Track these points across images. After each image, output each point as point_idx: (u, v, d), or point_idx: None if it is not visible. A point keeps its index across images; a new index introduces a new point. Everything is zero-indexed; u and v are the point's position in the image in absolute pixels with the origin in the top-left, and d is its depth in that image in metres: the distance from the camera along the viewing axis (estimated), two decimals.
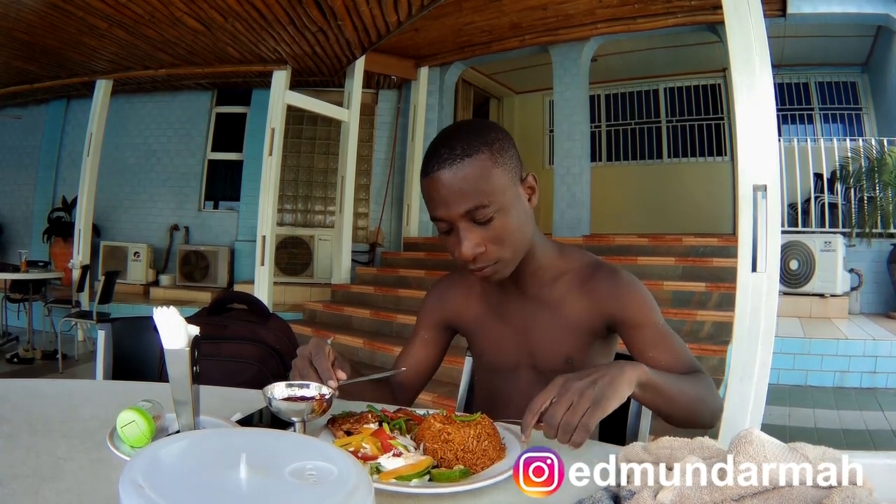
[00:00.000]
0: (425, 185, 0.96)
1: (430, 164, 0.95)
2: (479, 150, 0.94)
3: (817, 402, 4.10)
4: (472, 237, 0.95)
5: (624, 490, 0.65)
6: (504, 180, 0.95)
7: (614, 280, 1.06)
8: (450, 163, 0.93)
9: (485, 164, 0.93)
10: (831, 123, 7.06)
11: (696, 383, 0.99)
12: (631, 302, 1.04)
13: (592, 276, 1.07)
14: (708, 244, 5.16)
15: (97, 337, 1.53)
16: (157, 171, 7.72)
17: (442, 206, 0.95)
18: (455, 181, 0.93)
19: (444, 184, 0.93)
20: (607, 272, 1.07)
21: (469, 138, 0.95)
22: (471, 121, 1.02)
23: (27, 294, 5.54)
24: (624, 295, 1.05)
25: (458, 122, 1.03)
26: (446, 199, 0.94)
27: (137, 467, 0.45)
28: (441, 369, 1.22)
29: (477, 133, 0.96)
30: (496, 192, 0.94)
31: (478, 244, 0.96)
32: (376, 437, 0.78)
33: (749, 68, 2.38)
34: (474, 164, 0.93)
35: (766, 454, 0.59)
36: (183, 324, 0.79)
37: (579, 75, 6.35)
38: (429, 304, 1.22)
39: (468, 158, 0.93)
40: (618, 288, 1.05)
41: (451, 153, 0.93)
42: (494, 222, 0.95)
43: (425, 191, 0.97)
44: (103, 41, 5.17)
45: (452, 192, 0.93)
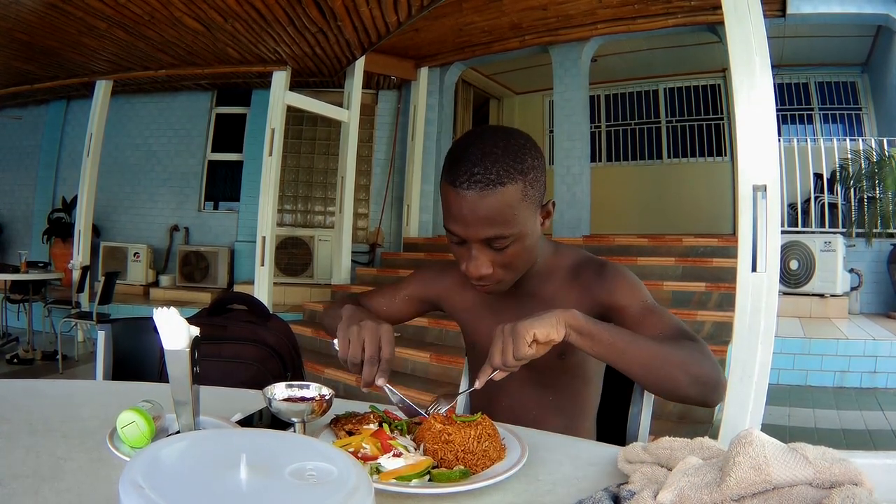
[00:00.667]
0: (449, 195, 0.93)
1: (460, 176, 0.90)
2: (514, 180, 0.91)
3: (817, 402, 4.10)
4: (483, 259, 0.95)
5: (624, 490, 0.65)
6: (528, 212, 0.95)
7: (600, 270, 1.07)
8: (482, 186, 0.89)
9: (516, 195, 0.91)
10: (831, 123, 7.07)
11: (673, 346, 0.91)
12: (616, 286, 1.04)
13: (580, 270, 1.08)
14: (708, 244, 5.16)
15: (97, 337, 1.53)
16: (157, 172, 7.73)
17: (461, 224, 0.93)
18: (482, 207, 0.90)
19: (469, 205, 0.90)
20: (595, 265, 1.08)
21: (507, 163, 0.91)
22: (510, 136, 0.95)
23: (27, 295, 5.54)
24: (609, 281, 1.05)
25: (498, 130, 0.96)
26: (467, 219, 0.91)
27: (137, 467, 0.45)
28: (441, 369, 1.23)
29: (514, 157, 0.92)
30: (518, 224, 0.93)
31: (487, 267, 0.96)
32: (376, 437, 0.78)
33: (749, 68, 2.38)
34: (506, 194, 0.90)
35: (765, 454, 0.59)
36: (183, 324, 0.79)
37: (579, 75, 6.35)
38: (425, 274, 1.24)
39: (501, 187, 0.90)
40: (603, 276, 1.05)
41: (486, 176, 0.89)
42: (508, 249, 0.95)
43: (447, 199, 0.94)
44: (103, 42, 5.17)
45: (477, 216, 0.91)
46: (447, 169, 0.94)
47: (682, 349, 0.91)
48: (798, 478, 0.58)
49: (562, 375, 1.10)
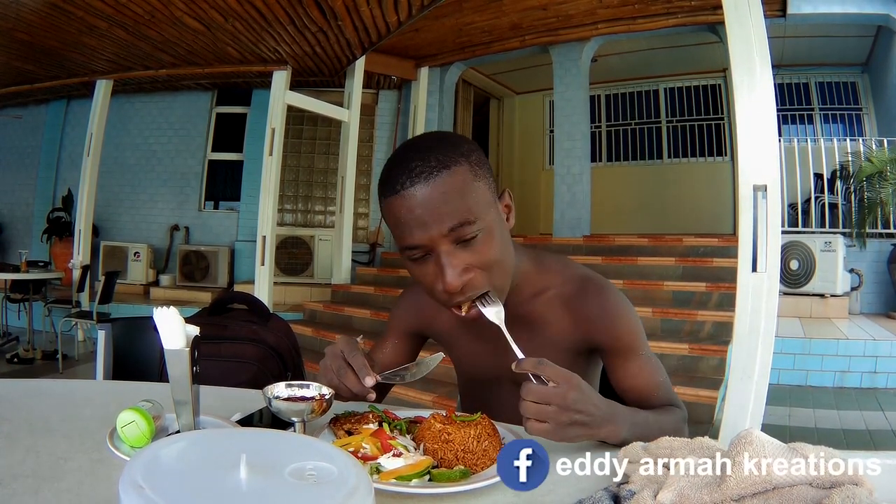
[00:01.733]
0: (393, 205, 0.82)
1: (399, 179, 0.81)
2: (457, 162, 0.82)
3: (817, 403, 4.10)
4: (456, 262, 0.82)
5: (624, 490, 0.65)
6: (485, 196, 0.85)
7: (602, 301, 0.97)
8: (426, 176, 0.80)
9: (465, 176, 0.82)
10: (831, 123, 7.06)
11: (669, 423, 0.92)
12: (617, 328, 0.97)
13: (577, 295, 0.98)
14: (708, 244, 5.16)
15: (97, 337, 1.54)
16: (157, 171, 7.73)
17: (418, 228, 0.81)
18: (434, 196, 0.80)
19: (419, 201, 0.80)
20: (594, 291, 0.98)
21: (443, 149, 0.83)
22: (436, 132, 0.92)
23: (27, 294, 5.54)
24: (611, 320, 0.97)
25: (422, 134, 0.92)
26: (423, 218, 0.80)
27: (137, 467, 0.45)
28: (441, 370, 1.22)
29: (450, 144, 0.85)
30: (478, 209, 0.82)
31: (465, 270, 0.83)
32: (376, 437, 0.78)
33: (749, 68, 2.38)
34: (455, 176, 0.81)
35: (765, 454, 0.59)
36: (183, 324, 0.79)
37: (579, 75, 6.35)
38: (399, 311, 1.14)
39: (446, 171, 0.81)
40: (605, 311, 0.97)
41: (426, 165, 0.81)
42: (479, 245, 0.83)
43: (393, 214, 0.83)
44: (103, 41, 5.17)
45: (431, 209, 0.80)
46: (383, 186, 0.85)
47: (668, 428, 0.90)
48: (798, 478, 0.58)
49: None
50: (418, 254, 0.84)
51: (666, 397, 0.98)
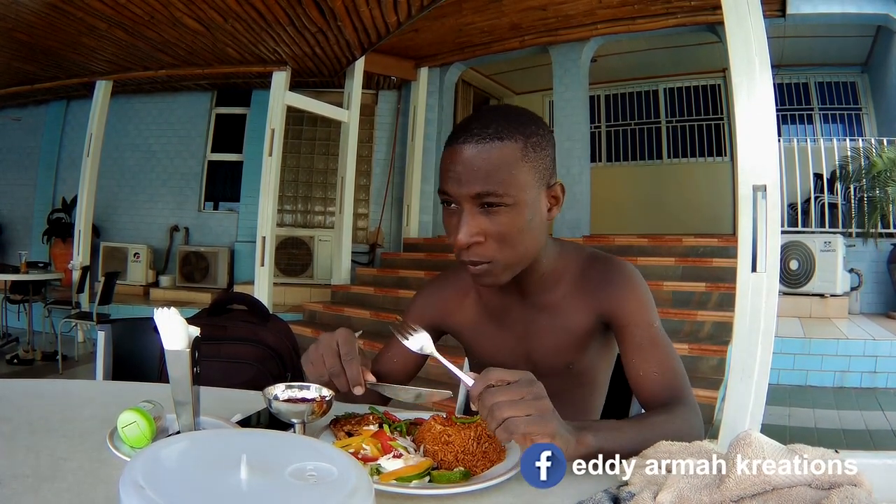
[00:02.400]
0: (445, 155, 0.89)
1: (457, 135, 0.88)
2: (512, 138, 0.86)
3: (817, 402, 4.10)
4: (473, 223, 0.87)
5: (623, 491, 0.65)
6: (528, 178, 0.87)
7: (608, 271, 0.99)
8: (478, 139, 0.85)
9: (514, 153, 0.86)
10: (831, 123, 7.07)
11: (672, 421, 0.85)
12: (623, 294, 0.97)
13: (587, 271, 1.01)
14: (708, 244, 5.16)
15: (97, 338, 1.53)
16: (157, 172, 7.73)
17: (454, 181, 0.87)
18: (476, 159, 0.85)
19: (463, 158, 0.85)
20: (601, 264, 1.01)
21: (507, 122, 0.87)
22: (513, 106, 0.93)
23: (27, 295, 5.54)
24: (617, 286, 0.98)
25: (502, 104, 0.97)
26: (460, 175, 0.86)
27: (138, 468, 0.45)
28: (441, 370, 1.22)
29: (516, 120, 0.89)
30: (515, 186, 0.86)
31: (478, 233, 0.87)
32: (376, 438, 0.78)
33: (749, 68, 2.38)
34: (503, 149, 0.85)
35: (764, 455, 0.59)
36: (183, 325, 0.79)
37: (579, 76, 6.35)
38: (419, 304, 1.14)
39: (498, 141, 0.85)
40: (611, 279, 0.98)
41: (483, 130, 0.86)
42: (502, 216, 0.87)
43: (442, 161, 0.90)
44: (103, 42, 5.17)
45: (470, 169, 0.85)
46: (449, 136, 0.91)
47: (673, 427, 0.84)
48: (797, 479, 0.58)
49: (568, 383, 1.06)
50: (448, 200, 0.90)
51: (673, 387, 0.93)
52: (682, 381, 0.95)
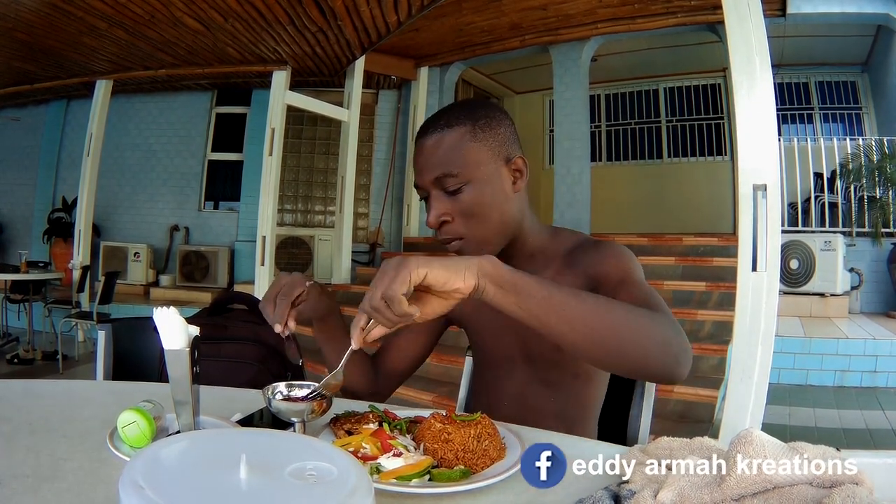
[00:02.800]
0: (414, 154, 1.00)
1: (418, 133, 1.00)
2: (461, 123, 0.96)
3: (817, 402, 4.11)
4: (438, 206, 0.97)
5: (624, 489, 0.65)
6: (481, 155, 0.96)
7: (597, 248, 1.02)
8: (431, 131, 0.96)
9: (463, 136, 0.95)
10: (831, 123, 7.06)
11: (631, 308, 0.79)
12: (604, 256, 1.00)
13: (577, 250, 1.04)
14: (708, 244, 5.16)
15: (97, 337, 1.53)
16: (157, 172, 7.73)
17: (418, 172, 0.98)
18: (430, 149, 0.96)
19: (421, 151, 0.97)
20: (593, 243, 1.04)
21: (455, 112, 0.98)
22: (470, 99, 1.02)
23: (27, 295, 5.54)
24: (604, 256, 1.00)
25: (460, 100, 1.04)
26: (420, 165, 0.97)
27: (137, 467, 0.45)
28: (441, 369, 1.22)
29: (465, 108, 0.99)
30: (468, 165, 0.95)
31: (444, 214, 0.96)
32: (376, 437, 0.78)
33: (749, 68, 2.38)
34: (452, 134, 0.95)
35: (765, 454, 0.59)
36: (183, 324, 0.79)
37: (579, 75, 6.35)
38: None
39: (448, 129, 0.95)
40: (600, 253, 1.01)
41: (436, 123, 0.97)
42: (463, 195, 0.95)
43: (413, 159, 1.01)
44: (103, 41, 5.17)
45: (427, 159, 0.96)
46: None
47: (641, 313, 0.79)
48: (798, 477, 0.58)
49: (564, 374, 1.07)
50: (421, 193, 1.00)
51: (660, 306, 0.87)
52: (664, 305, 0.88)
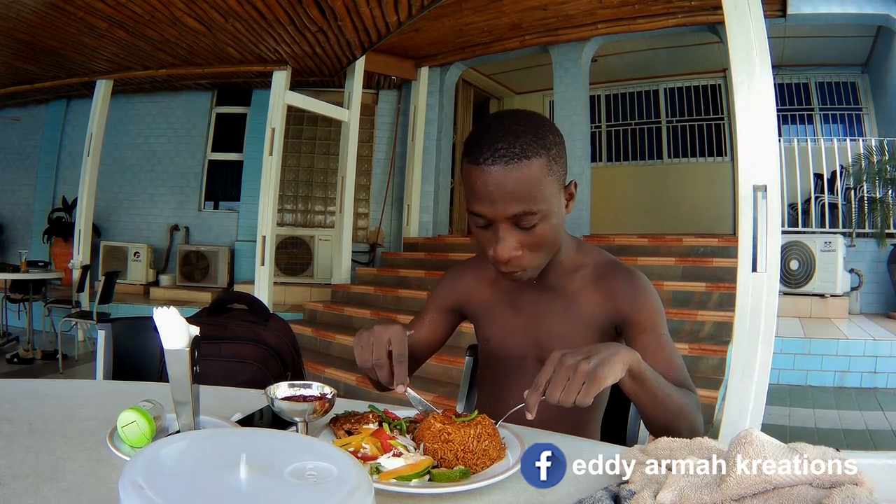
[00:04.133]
0: (473, 174, 0.90)
1: (483, 153, 0.89)
2: (538, 154, 0.89)
3: (817, 402, 4.10)
4: (511, 240, 0.93)
5: (624, 490, 0.65)
6: (553, 189, 0.93)
7: (631, 280, 1.05)
8: (506, 160, 0.88)
9: (541, 169, 0.90)
10: (831, 123, 7.07)
11: (683, 395, 0.96)
12: (643, 305, 1.03)
13: (609, 274, 1.06)
14: (708, 244, 5.15)
15: (97, 337, 1.53)
16: (157, 171, 7.73)
17: (487, 202, 0.90)
18: (509, 181, 0.88)
19: (495, 180, 0.88)
20: (625, 272, 1.06)
21: (529, 137, 0.90)
22: (528, 115, 0.94)
23: (27, 294, 5.54)
24: (638, 297, 1.03)
25: (513, 111, 0.97)
26: (494, 196, 0.89)
27: (137, 467, 0.45)
28: (441, 369, 1.22)
29: (536, 133, 0.91)
30: (545, 200, 0.91)
31: (516, 248, 0.93)
32: (376, 437, 0.78)
33: (749, 68, 2.38)
34: (531, 168, 0.89)
35: (765, 454, 0.59)
36: (183, 324, 0.79)
37: (579, 75, 6.35)
38: (442, 285, 1.21)
39: (526, 161, 0.88)
40: (633, 288, 1.04)
41: (510, 150, 0.88)
42: (536, 229, 0.93)
43: (470, 180, 0.92)
44: (103, 41, 5.17)
45: (503, 192, 0.88)
46: (468, 150, 0.92)
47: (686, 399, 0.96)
48: (798, 478, 0.58)
49: None
50: (482, 221, 0.94)
51: (682, 380, 1.01)
52: (688, 377, 1.03)
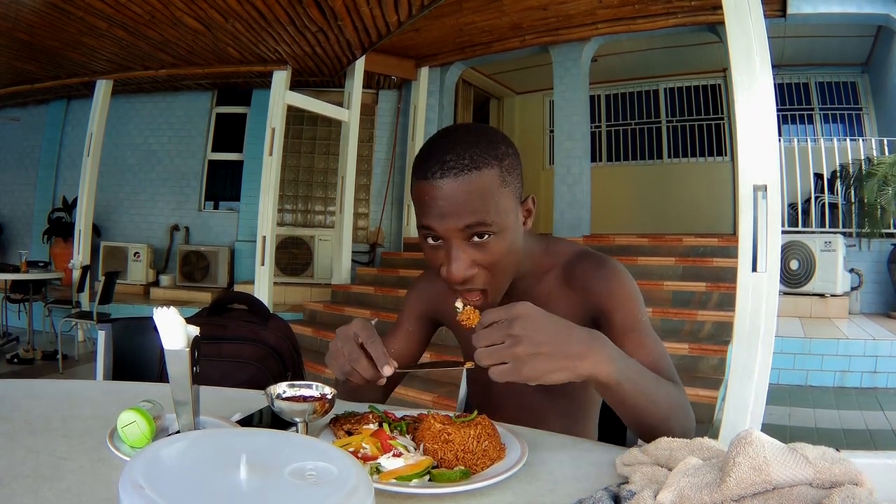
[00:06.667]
0: (421, 188, 0.86)
1: (432, 167, 0.85)
2: (489, 164, 0.85)
3: (818, 402, 4.11)
4: (464, 257, 0.87)
5: (624, 490, 0.65)
6: (508, 202, 0.88)
7: (600, 268, 0.99)
8: (456, 172, 0.83)
9: (494, 180, 0.85)
10: (831, 123, 7.07)
11: (672, 395, 0.88)
12: (615, 291, 0.97)
13: (577, 267, 1.01)
14: (708, 244, 5.16)
15: (97, 337, 1.54)
16: (157, 171, 7.73)
17: (437, 216, 0.85)
18: (459, 193, 0.83)
19: (445, 193, 0.84)
20: (594, 261, 1.01)
21: (479, 148, 0.85)
22: (478, 127, 0.90)
23: (27, 294, 5.54)
24: (608, 283, 0.98)
25: (462, 124, 0.93)
26: (444, 210, 0.84)
27: (137, 467, 0.44)
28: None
29: (487, 144, 0.87)
30: (500, 213, 0.86)
31: (469, 266, 0.88)
32: (376, 437, 0.78)
33: (749, 68, 2.38)
34: (483, 178, 0.84)
35: (765, 454, 0.59)
36: (183, 324, 0.79)
37: (579, 75, 6.35)
38: (412, 297, 1.18)
39: (477, 171, 0.84)
40: (603, 276, 0.98)
41: (459, 161, 0.84)
42: (490, 244, 0.87)
43: (418, 195, 0.87)
44: (103, 41, 5.17)
45: (454, 204, 0.84)
46: (417, 166, 0.87)
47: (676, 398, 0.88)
48: (798, 478, 0.58)
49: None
50: (432, 237, 0.88)
51: (663, 369, 0.93)
52: (672, 368, 0.95)
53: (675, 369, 0.96)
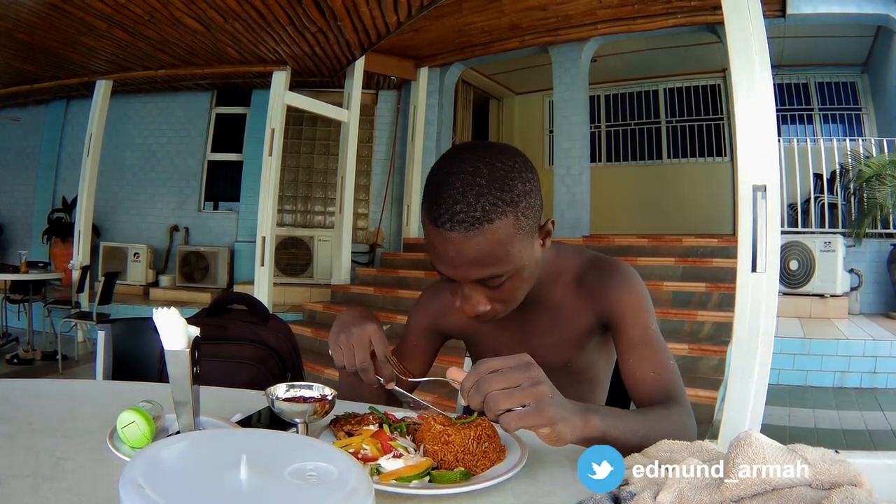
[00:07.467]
0: (432, 233, 0.83)
1: (441, 216, 0.79)
2: (503, 214, 0.79)
3: (817, 403, 4.11)
4: (477, 297, 0.87)
5: (624, 491, 0.65)
6: (524, 244, 0.84)
7: (609, 273, 0.99)
8: (466, 226, 0.78)
9: (507, 230, 0.80)
10: (831, 124, 7.07)
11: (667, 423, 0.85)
12: (625, 297, 0.97)
13: (588, 273, 1.01)
14: (708, 244, 5.16)
15: (97, 338, 1.54)
16: (157, 172, 7.73)
17: (449, 266, 0.83)
18: (469, 249, 0.80)
19: (455, 246, 0.80)
20: (605, 266, 1.00)
21: (492, 195, 0.79)
22: (490, 159, 0.82)
23: (27, 295, 5.54)
24: (616, 288, 0.97)
25: (480, 153, 0.83)
26: (454, 262, 0.82)
27: (137, 467, 0.45)
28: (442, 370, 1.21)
29: (501, 186, 0.80)
30: (513, 260, 0.83)
31: (484, 303, 0.87)
32: (376, 438, 0.78)
33: (749, 68, 2.38)
34: (495, 231, 0.79)
35: (765, 456, 0.59)
36: (183, 324, 0.79)
37: (579, 76, 6.36)
38: (418, 311, 1.16)
39: (489, 224, 0.79)
40: (611, 280, 0.98)
41: (469, 214, 0.78)
42: (504, 285, 0.86)
43: (430, 237, 0.84)
44: (103, 42, 5.17)
45: (466, 259, 0.81)
46: (427, 203, 0.83)
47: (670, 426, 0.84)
48: (797, 479, 0.58)
49: (568, 380, 1.05)
50: (445, 277, 0.88)
51: (668, 390, 0.93)
52: (677, 383, 0.95)
53: (680, 383, 0.95)
